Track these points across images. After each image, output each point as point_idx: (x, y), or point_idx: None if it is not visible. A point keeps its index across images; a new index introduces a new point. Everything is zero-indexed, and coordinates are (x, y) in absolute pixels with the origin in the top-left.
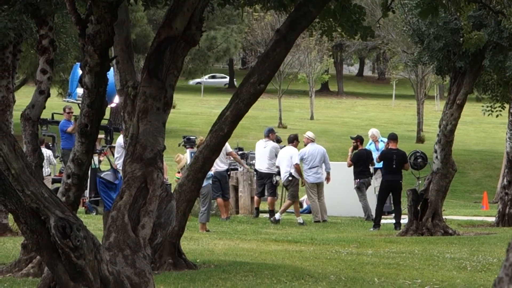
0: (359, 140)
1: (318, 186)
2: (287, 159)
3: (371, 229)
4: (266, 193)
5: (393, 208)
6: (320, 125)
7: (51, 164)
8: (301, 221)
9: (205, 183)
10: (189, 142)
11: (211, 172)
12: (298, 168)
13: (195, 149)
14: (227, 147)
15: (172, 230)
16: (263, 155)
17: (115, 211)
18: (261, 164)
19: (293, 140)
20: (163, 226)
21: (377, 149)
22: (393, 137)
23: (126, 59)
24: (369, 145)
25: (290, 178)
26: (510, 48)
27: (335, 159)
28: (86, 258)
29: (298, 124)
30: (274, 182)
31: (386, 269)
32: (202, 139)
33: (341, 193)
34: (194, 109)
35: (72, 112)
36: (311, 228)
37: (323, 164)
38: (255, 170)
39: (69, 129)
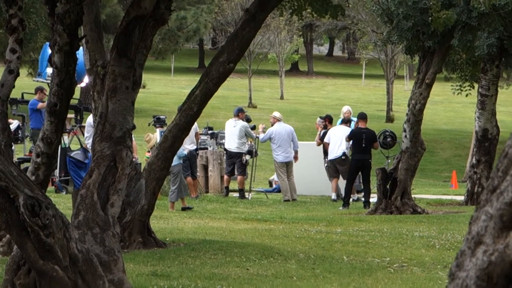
0: (328, 119)
1: (287, 165)
2: (341, 138)
3: (341, 208)
4: (236, 172)
5: (362, 187)
6: (290, 104)
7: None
8: (334, 198)
9: (176, 162)
10: (159, 122)
11: (184, 152)
12: None
13: (164, 128)
14: (196, 126)
15: (142, 209)
16: (232, 134)
17: (84, 189)
18: (231, 143)
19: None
20: (132, 204)
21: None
22: (362, 116)
23: (96, 38)
24: (339, 124)
25: (343, 157)
26: (479, 27)
27: (305, 138)
28: (55, 237)
29: (268, 104)
30: (244, 161)
31: (355, 247)
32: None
33: (311, 172)
34: (164, 89)
35: (45, 93)
36: (281, 207)
37: (291, 144)
38: (225, 149)
39: (39, 105)
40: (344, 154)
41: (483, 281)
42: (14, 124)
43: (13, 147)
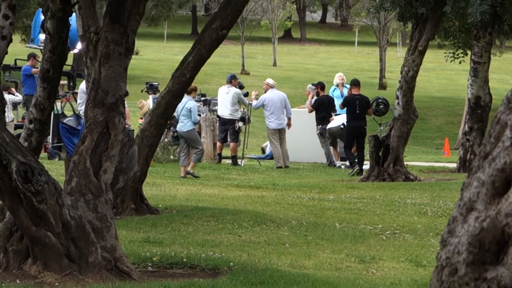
0: (320, 86)
1: (280, 132)
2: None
3: (349, 170)
4: (228, 139)
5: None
6: (283, 71)
7: (15, 109)
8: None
9: (190, 128)
10: (151, 88)
11: (198, 118)
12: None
13: (157, 95)
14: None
15: (134, 176)
16: (225, 101)
17: (77, 156)
18: (224, 110)
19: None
20: (125, 171)
21: (342, 95)
22: (355, 83)
23: (88, 4)
24: (332, 92)
25: (341, 126)
26: None
27: (298, 105)
28: (47, 203)
29: (260, 71)
30: (237, 128)
31: (348, 214)
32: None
33: (303, 139)
34: (157, 55)
35: (37, 60)
36: (273, 174)
37: (284, 110)
38: (218, 116)
39: (34, 70)
40: (343, 124)
41: (474, 247)
42: (19, 97)
43: (11, 116)
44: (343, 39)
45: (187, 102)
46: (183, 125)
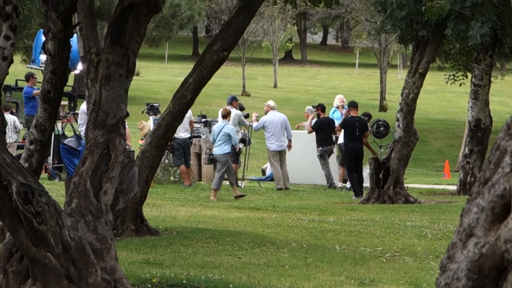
0: (321, 108)
1: (280, 154)
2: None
3: (354, 197)
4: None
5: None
6: (283, 93)
7: (17, 130)
8: (343, 186)
9: (227, 151)
10: (152, 109)
11: (237, 140)
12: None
13: (158, 116)
14: (190, 114)
15: (134, 197)
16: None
17: (77, 177)
18: None
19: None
20: (125, 192)
21: (342, 116)
22: (354, 105)
23: (90, 25)
24: (332, 113)
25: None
26: (472, 17)
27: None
28: (48, 224)
29: (261, 92)
30: (237, 149)
31: (348, 236)
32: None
33: (304, 161)
34: (158, 76)
35: (36, 79)
36: (273, 196)
37: (285, 132)
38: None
39: (35, 92)
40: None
41: (474, 273)
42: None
43: (15, 137)
44: (344, 61)
45: (225, 127)
46: (220, 148)
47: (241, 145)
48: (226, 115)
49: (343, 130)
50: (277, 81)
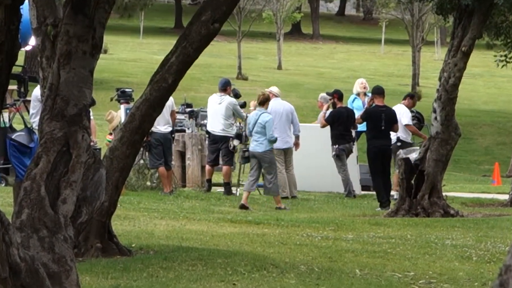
0: (337, 95)
1: (286, 153)
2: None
3: (378, 208)
4: (220, 162)
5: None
6: (289, 76)
7: None
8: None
9: (266, 148)
10: (124, 96)
11: (275, 135)
12: (412, 130)
13: (131, 104)
14: (172, 103)
15: (101, 207)
16: (217, 113)
17: (29, 181)
18: (215, 124)
19: (406, 98)
20: (90, 201)
21: (364, 107)
22: (378, 91)
23: None
24: (351, 102)
25: (398, 143)
26: None
27: (308, 119)
28: None
29: (262, 75)
30: (231, 147)
31: (371, 258)
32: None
33: (315, 162)
34: (131, 54)
35: None
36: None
37: (291, 126)
38: (207, 132)
39: None
40: (398, 139)
41: None
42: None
43: None
44: (366, 36)
45: (261, 116)
46: (258, 144)
47: (236, 142)
48: (264, 102)
49: (365, 123)
50: (281, 61)
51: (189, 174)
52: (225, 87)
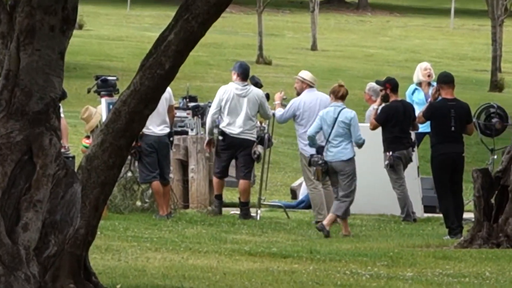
0: (391, 85)
1: None
2: None
3: (447, 237)
4: (236, 174)
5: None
6: (327, 59)
7: None
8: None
9: (350, 155)
10: (105, 87)
11: (363, 137)
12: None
13: (115, 98)
14: (170, 96)
15: (75, 235)
16: (239, 109)
17: None
18: (234, 124)
19: None
20: (60, 227)
21: (427, 101)
22: (447, 80)
23: None
24: (410, 94)
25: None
26: None
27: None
28: None
29: (290, 58)
30: (255, 155)
31: None
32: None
33: (363, 174)
34: (115, 30)
35: None
36: (311, 233)
37: None
38: (222, 133)
39: None
40: None
41: None
42: None
43: None
44: (430, 5)
45: (342, 112)
46: (341, 151)
47: (260, 149)
48: (344, 95)
49: (428, 123)
50: (316, 40)
51: (193, 190)
52: (248, 73)
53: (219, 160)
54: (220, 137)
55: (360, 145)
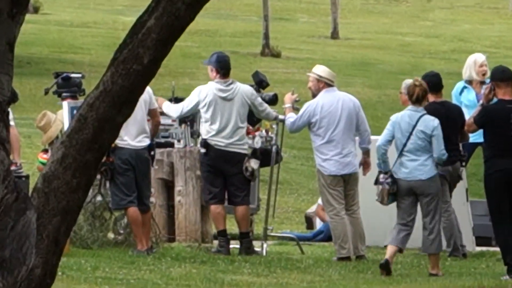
0: (430, 84)
1: (348, 183)
2: None
3: (506, 277)
4: (234, 197)
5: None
6: (350, 50)
7: None
8: None
9: (433, 172)
10: (67, 86)
11: (445, 153)
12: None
13: (80, 100)
14: (151, 97)
15: (29, 275)
16: (224, 113)
17: None
18: (222, 133)
19: None
20: (9, 266)
21: (479, 100)
22: (504, 76)
23: None
24: (458, 94)
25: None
26: None
27: (384, 124)
28: None
29: (304, 49)
30: (247, 172)
31: None
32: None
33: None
34: (79, 14)
35: None
36: (331, 273)
37: (358, 135)
38: (205, 144)
39: None
40: None
41: None
42: None
43: None
44: None
45: (422, 119)
46: (417, 167)
47: (253, 164)
48: (419, 97)
49: (481, 131)
50: (338, 25)
51: (181, 219)
52: (229, 66)
53: (207, 181)
54: (203, 150)
55: (442, 161)
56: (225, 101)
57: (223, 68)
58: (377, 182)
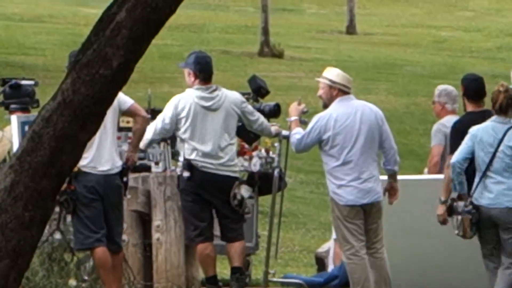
0: (468, 88)
1: (369, 214)
2: None
3: None
4: (227, 232)
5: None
6: (370, 48)
7: None
8: None
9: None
10: (17, 96)
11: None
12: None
13: (33, 114)
14: (118, 98)
15: None
16: (208, 128)
17: None
18: (206, 152)
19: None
20: None
21: None
22: None
23: None
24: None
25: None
26: None
27: (412, 138)
28: None
29: (314, 48)
30: (235, 201)
31: None
32: None
33: (430, 233)
34: (32, 7)
35: None
36: None
37: (381, 154)
38: (189, 166)
39: None
40: None
41: None
42: None
43: None
44: None
45: (510, 131)
46: (504, 192)
47: (244, 192)
48: (503, 106)
49: None
50: (354, 18)
51: (160, 261)
52: (211, 69)
53: (191, 214)
54: (186, 174)
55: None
56: (209, 111)
57: (202, 71)
58: (452, 211)
